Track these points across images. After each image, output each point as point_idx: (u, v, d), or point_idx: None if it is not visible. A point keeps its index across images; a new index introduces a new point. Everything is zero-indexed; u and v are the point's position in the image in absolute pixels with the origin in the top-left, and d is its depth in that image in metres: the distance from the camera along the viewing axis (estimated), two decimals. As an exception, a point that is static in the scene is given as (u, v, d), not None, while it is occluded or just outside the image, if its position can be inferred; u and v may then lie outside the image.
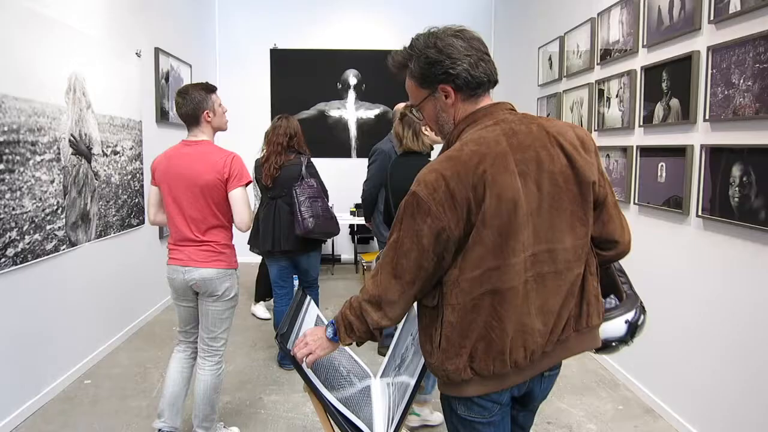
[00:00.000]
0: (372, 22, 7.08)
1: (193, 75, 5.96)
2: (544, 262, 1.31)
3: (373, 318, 1.36)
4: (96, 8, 3.91)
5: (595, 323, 1.41)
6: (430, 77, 1.36)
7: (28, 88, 3.02)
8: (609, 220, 1.42)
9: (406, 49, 1.40)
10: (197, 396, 2.63)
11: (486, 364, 1.30)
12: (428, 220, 1.24)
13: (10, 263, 2.89)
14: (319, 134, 7.06)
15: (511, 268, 1.26)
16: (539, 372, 1.39)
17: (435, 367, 1.35)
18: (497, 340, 1.29)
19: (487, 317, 1.28)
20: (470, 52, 1.33)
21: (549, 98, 4.90)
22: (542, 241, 1.30)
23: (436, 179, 1.25)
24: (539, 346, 1.33)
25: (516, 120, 1.34)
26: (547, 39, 4.95)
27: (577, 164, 1.32)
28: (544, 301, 1.32)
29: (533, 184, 1.28)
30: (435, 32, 1.37)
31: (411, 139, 2.67)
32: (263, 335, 4.41)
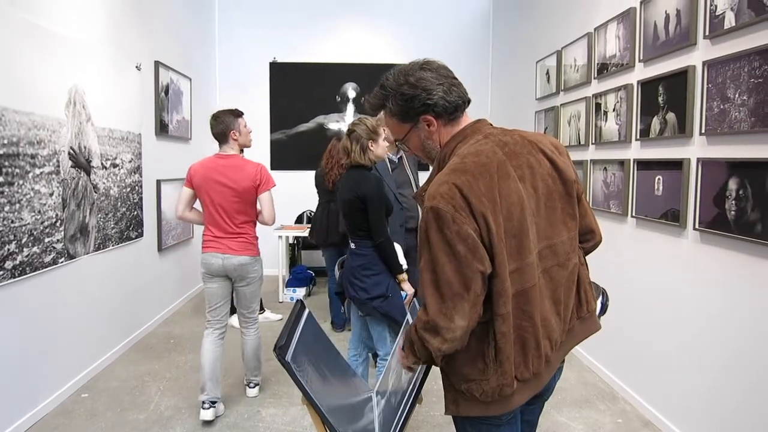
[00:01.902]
0: (370, 36, 7.14)
1: (192, 88, 6.00)
2: (548, 257, 1.41)
3: (433, 345, 1.29)
4: (96, 21, 3.94)
5: (593, 308, 1.55)
6: (409, 112, 1.44)
7: (28, 101, 3.04)
8: (585, 214, 1.56)
9: (380, 90, 1.47)
10: (248, 354, 3.45)
11: (526, 367, 1.35)
12: (454, 227, 1.25)
13: (8, 276, 2.88)
14: (317, 147, 7.08)
15: (530, 267, 1.34)
16: (558, 363, 1.48)
17: (490, 386, 1.32)
18: (530, 338, 1.35)
19: (517, 320, 1.33)
20: (441, 81, 1.42)
21: (546, 112, 4.93)
22: (543, 238, 1.40)
23: (450, 189, 1.28)
24: (558, 336, 1.42)
25: (500, 133, 1.45)
26: (544, 53, 4.99)
27: (559, 166, 1.45)
28: (553, 292, 1.41)
29: (530, 187, 1.38)
30: (402, 69, 1.45)
31: (359, 154, 2.80)
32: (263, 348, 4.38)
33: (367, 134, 2.78)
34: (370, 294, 2.70)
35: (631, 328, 3.35)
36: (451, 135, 1.46)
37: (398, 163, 3.61)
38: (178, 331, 4.84)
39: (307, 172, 7.06)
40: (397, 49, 6.90)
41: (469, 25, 7.06)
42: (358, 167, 2.80)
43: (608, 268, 3.39)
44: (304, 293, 5.97)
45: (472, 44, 7.04)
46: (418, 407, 1.62)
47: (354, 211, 2.74)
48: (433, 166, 1.50)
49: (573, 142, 4.30)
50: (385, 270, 2.74)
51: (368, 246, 2.75)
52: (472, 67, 6.86)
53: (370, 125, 2.81)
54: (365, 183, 2.72)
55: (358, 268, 2.77)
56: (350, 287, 2.79)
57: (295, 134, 7.21)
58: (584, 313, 1.53)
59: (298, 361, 1.58)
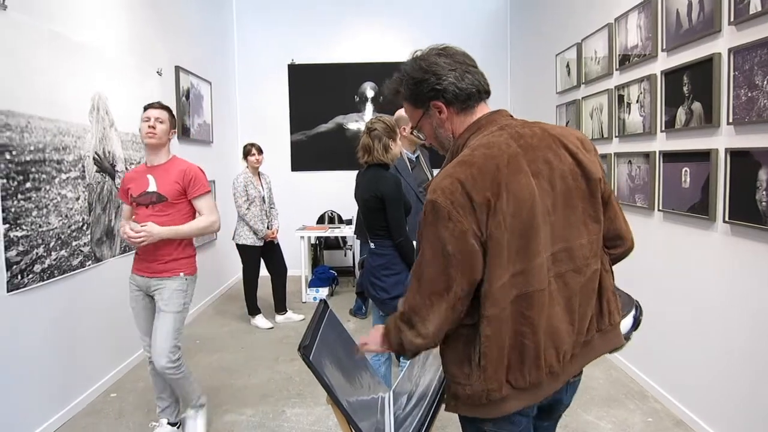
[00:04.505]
0: (388, 35, 7.13)
1: (213, 92, 6.06)
2: (563, 260, 1.31)
3: (406, 337, 1.30)
4: (118, 29, 4.00)
5: (616, 320, 1.42)
6: (420, 96, 1.40)
7: (53, 109, 3.10)
8: (615, 217, 1.44)
9: (396, 74, 1.46)
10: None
11: (522, 374, 1.28)
12: (450, 225, 1.22)
13: (37, 279, 2.94)
14: (337, 147, 7.11)
15: (536, 269, 1.25)
16: (570, 377, 1.37)
17: (474, 389, 1.29)
18: (531, 346, 1.26)
19: (516, 325, 1.26)
20: (454, 67, 1.37)
21: (568, 105, 4.87)
22: (559, 239, 1.30)
23: (452, 183, 1.23)
24: (569, 347, 1.32)
25: (518, 125, 1.36)
26: (564, 46, 4.92)
27: (582, 162, 1.34)
28: (567, 300, 1.31)
29: (547, 184, 1.29)
30: (419, 55, 1.43)
31: (381, 152, 2.77)
32: (285, 348, 4.42)
33: (387, 132, 2.77)
34: (390, 293, 2.69)
35: (661, 324, 3.29)
36: (465, 125, 1.39)
37: (416, 162, 3.59)
38: (202, 332, 4.89)
39: (328, 173, 7.12)
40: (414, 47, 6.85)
41: (487, 20, 7.01)
42: (376, 166, 2.79)
43: (635, 263, 3.32)
44: (327, 293, 5.99)
45: (490, 39, 6.98)
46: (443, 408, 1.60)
47: (372, 211, 2.73)
48: (447, 157, 1.43)
49: (596, 136, 4.23)
50: (405, 269, 2.72)
51: (388, 245, 2.74)
52: (490, 62, 6.78)
53: (389, 123, 2.80)
54: (383, 182, 2.71)
55: (378, 267, 2.76)
56: (371, 287, 2.78)
57: (314, 135, 7.23)
58: (605, 326, 1.39)
59: (321, 360, 1.58)
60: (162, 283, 2.76)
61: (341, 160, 6.95)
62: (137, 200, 2.77)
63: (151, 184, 2.76)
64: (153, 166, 2.82)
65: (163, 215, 2.74)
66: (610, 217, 1.42)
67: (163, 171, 2.79)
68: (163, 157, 2.84)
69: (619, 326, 1.44)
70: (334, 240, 6.87)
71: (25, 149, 2.86)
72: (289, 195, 6.72)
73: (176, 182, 2.77)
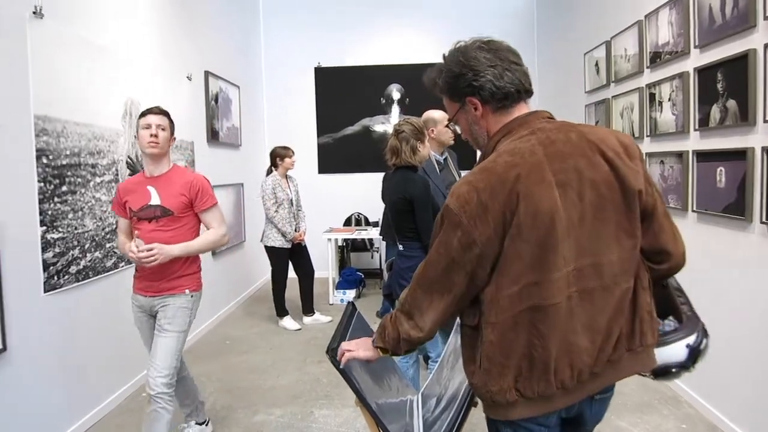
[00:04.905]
0: (413, 36, 7.13)
1: (241, 96, 6.14)
2: (589, 276, 1.24)
3: (403, 327, 1.36)
4: (149, 35, 4.09)
5: (650, 342, 1.32)
6: (456, 90, 1.37)
7: (87, 114, 3.18)
8: (660, 231, 1.34)
9: (437, 65, 1.42)
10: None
11: (530, 384, 1.25)
12: (458, 233, 1.23)
13: (73, 280, 3.02)
14: (363, 149, 7.13)
15: (553, 283, 1.21)
16: (589, 394, 1.30)
17: (478, 388, 1.31)
18: (540, 358, 1.24)
19: (528, 335, 1.23)
20: (495, 63, 1.31)
21: (597, 105, 4.80)
22: (586, 254, 1.24)
23: (468, 191, 1.22)
24: (587, 365, 1.26)
25: (553, 128, 1.30)
26: (592, 44, 4.85)
27: (620, 172, 1.26)
28: (590, 317, 1.25)
29: (574, 195, 1.23)
30: (461, 47, 1.37)
31: (409, 154, 2.76)
32: (314, 350, 4.45)
33: (415, 134, 2.76)
34: None
35: (694, 326, 3.21)
36: (499, 125, 1.34)
37: (444, 164, 3.58)
38: (232, 333, 4.95)
39: (354, 175, 7.15)
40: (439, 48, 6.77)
41: (513, 19, 6.94)
42: (404, 168, 2.79)
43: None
44: (354, 295, 6.00)
45: (517, 39, 6.81)
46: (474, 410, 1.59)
47: (401, 213, 2.73)
48: (479, 158, 1.40)
49: (626, 135, 4.16)
50: None
51: (416, 247, 2.73)
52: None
53: (417, 125, 2.79)
54: (412, 184, 2.71)
55: (407, 269, 2.75)
56: (399, 289, 2.78)
57: (341, 137, 7.27)
58: (636, 346, 1.30)
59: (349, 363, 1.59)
60: (166, 301, 2.58)
61: (367, 162, 6.97)
62: (138, 215, 2.54)
63: (154, 196, 2.55)
64: (154, 177, 2.59)
65: (169, 230, 2.53)
66: (654, 231, 1.33)
67: (165, 182, 2.58)
68: (164, 166, 2.62)
69: (651, 349, 1.33)
70: (361, 242, 6.89)
71: (61, 153, 2.94)
72: (316, 197, 6.77)
73: (182, 194, 2.56)
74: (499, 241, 1.22)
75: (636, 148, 1.34)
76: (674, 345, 1.36)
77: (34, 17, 2.77)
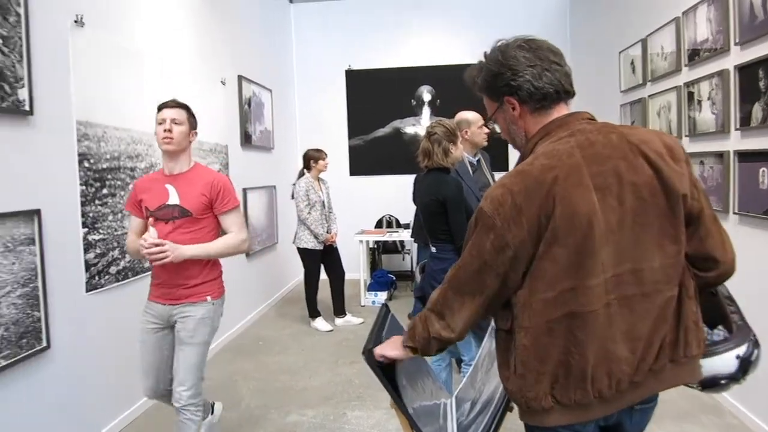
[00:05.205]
0: (443, 38, 7.10)
1: (273, 99, 6.21)
2: (629, 283, 1.21)
3: (434, 327, 1.36)
4: (184, 42, 4.18)
5: (695, 353, 1.27)
6: (494, 89, 1.36)
7: (126, 119, 3.26)
8: (707, 236, 1.28)
9: (478, 62, 1.40)
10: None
11: (566, 391, 1.23)
12: (491, 235, 1.22)
13: (113, 280, 3.10)
14: (395, 151, 7.14)
15: (590, 290, 1.19)
16: (628, 404, 1.26)
17: (513, 393, 1.30)
18: (577, 366, 1.21)
19: (565, 342, 1.21)
20: (534, 63, 1.29)
21: (633, 104, 4.70)
22: (626, 260, 1.21)
23: (503, 194, 1.21)
24: (626, 375, 1.22)
25: (594, 130, 1.26)
26: (627, 42, 4.76)
27: (664, 175, 1.22)
28: (630, 326, 1.22)
29: (613, 199, 1.20)
30: (501, 45, 1.35)
31: (441, 156, 2.76)
32: (345, 351, 4.47)
33: (447, 136, 2.75)
34: None
35: (735, 331, 3.12)
36: (537, 127, 1.32)
37: (477, 165, 3.56)
38: (265, 334, 5.01)
39: (385, 177, 7.16)
40: (470, 49, 6.77)
41: (545, 18, 6.85)
42: (437, 170, 2.78)
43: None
44: (386, 297, 6.01)
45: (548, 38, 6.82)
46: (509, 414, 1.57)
47: (434, 215, 2.73)
48: (518, 159, 1.38)
49: (663, 135, 4.07)
50: None
51: (449, 249, 2.72)
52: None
53: (449, 127, 2.79)
54: (444, 186, 2.70)
55: (440, 271, 2.74)
56: (431, 291, 2.77)
57: (372, 139, 7.29)
58: (680, 357, 1.25)
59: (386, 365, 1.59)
60: (186, 311, 2.40)
61: (399, 164, 6.98)
62: (155, 214, 2.36)
63: (172, 195, 2.38)
64: (173, 175, 2.43)
65: (187, 232, 2.36)
66: (700, 236, 1.28)
67: (185, 181, 2.42)
68: (184, 164, 2.46)
69: (696, 360, 1.29)
70: (392, 244, 6.90)
71: (101, 157, 3.03)
72: (347, 199, 6.80)
73: (202, 194, 2.39)
74: (533, 245, 1.20)
75: (681, 149, 1.30)
76: (724, 356, 1.30)
77: (76, 26, 2.86)
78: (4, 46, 2.36)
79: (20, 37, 2.45)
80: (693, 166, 1.32)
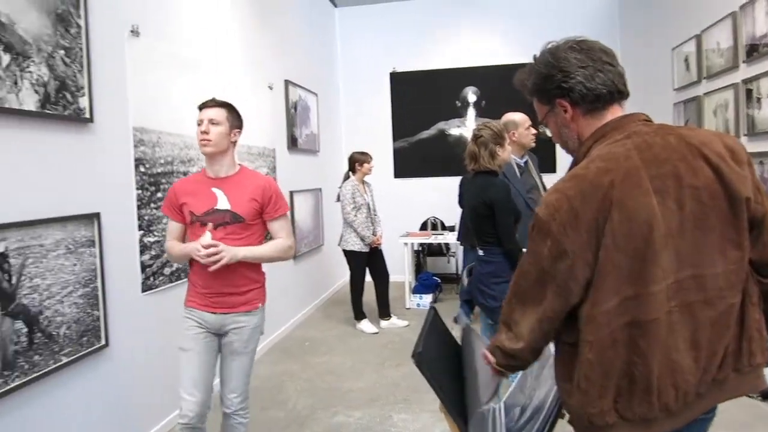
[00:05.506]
0: (488, 38, 7.03)
1: (319, 103, 6.29)
2: (690, 289, 1.17)
3: (500, 336, 1.35)
4: (233, 48, 4.28)
5: (759, 362, 1.23)
6: (544, 92, 1.33)
7: (179, 125, 3.36)
8: None
9: (528, 66, 1.38)
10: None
11: (630, 405, 1.19)
12: (548, 242, 1.19)
13: (167, 281, 3.20)
14: (439, 153, 7.12)
15: (653, 297, 1.15)
16: (694, 417, 1.22)
17: (575, 409, 1.25)
18: (641, 378, 1.17)
19: (627, 353, 1.17)
20: (586, 64, 1.26)
21: (687, 103, 4.55)
22: (687, 266, 1.17)
23: (558, 199, 1.19)
24: (691, 386, 1.18)
25: (651, 132, 1.23)
26: (681, 39, 4.62)
27: (725, 178, 1.17)
28: (692, 334, 1.18)
29: (673, 203, 1.16)
30: (551, 47, 1.33)
31: (488, 159, 2.74)
32: (391, 353, 4.48)
33: (494, 138, 2.73)
34: (499, 301, 2.64)
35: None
36: (591, 129, 1.28)
37: (525, 167, 3.51)
38: (311, 335, 5.07)
39: (430, 179, 7.15)
40: (516, 48, 6.69)
41: (593, 15, 6.70)
42: (485, 173, 2.76)
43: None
44: (431, 300, 5.99)
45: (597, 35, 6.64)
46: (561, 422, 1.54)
47: (481, 217, 2.71)
48: (570, 164, 1.35)
49: (720, 134, 3.92)
50: None
51: (497, 252, 2.70)
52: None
53: (496, 129, 2.76)
54: (492, 189, 2.68)
55: (487, 275, 2.72)
56: (479, 294, 2.75)
57: (416, 141, 7.29)
58: (744, 366, 1.22)
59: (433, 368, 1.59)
60: (240, 321, 2.33)
61: (443, 166, 6.95)
62: (202, 219, 2.26)
63: (221, 200, 2.28)
64: (219, 179, 2.34)
65: (238, 238, 2.27)
66: (764, 242, 1.23)
67: (234, 184, 2.32)
68: (230, 166, 2.37)
69: (761, 369, 1.25)
70: (437, 246, 6.87)
71: (156, 162, 3.13)
72: (392, 202, 6.82)
73: (253, 199, 2.30)
74: (593, 252, 1.16)
75: (743, 151, 1.25)
76: None
77: (132, 36, 2.97)
78: (66, 56, 2.47)
79: (81, 48, 2.57)
80: (755, 171, 1.27)
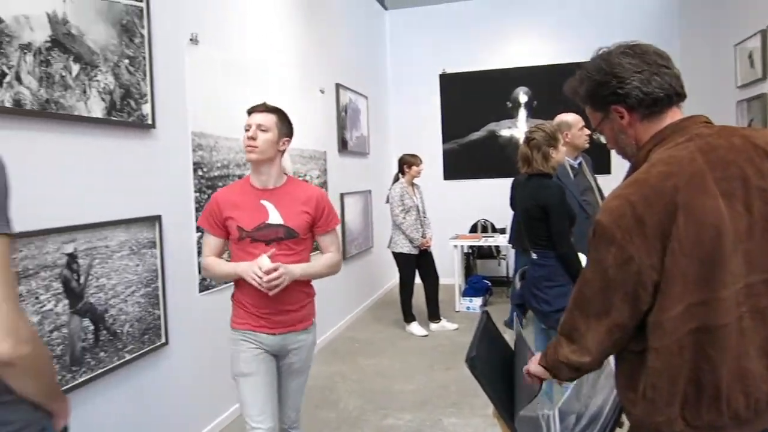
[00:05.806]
0: (538, 38, 6.92)
1: (369, 105, 6.34)
2: (762, 294, 1.14)
3: (563, 350, 1.30)
4: (286, 54, 4.37)
5: None
6: (598, 99, 1.30)
7: (235, 129, 3.45)
8: None
9: (578, 72, 1.35)
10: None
11: (698, 412, 1.15)
12: (612, 249, 1.16)
13: (222, 282, 3.29)
14: (490, 155, 7.05)
15: (722, 302, 1.11)
16: (765, 427, 1.18)
17: (640, 419, 1.22)
18: (710, 383, 1.14)
19: (695, 359, 1.14)
20: (641, 68, 1.23)
21: (750, 101, 4.35)
22: (757, 270, 1.14)
23: (621, 205, 1.16)
24: (763, 393, 1.14)
25: (713, 133, 1.20)
26: (745, 34, 4.42)
27: None
28: (764, 340, 1.14)
29: (741, 205, 1.13)
30: (603, 53, 1.30)
31: (541, 162, 2.70)
32: (441, 356, 4.46)
33: (547, 141, 2.69)
34: (552, 306, 2.60)
35: None
36: (650, 134, 1.25)
37: (579, 169, 3.43)
38: (360, 336, 5.11)
39: (480, 181, 7.09)
40: (568, 48, 6.54)
41: (651, 13, 6.50)
42: (538, 175, 2.73)
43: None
44: (481, 303, 5.93)
45: (656, 33, 6.43)
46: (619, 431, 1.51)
47: (534, 220, 2.67)
48: (629, 169, 1.32)
49: (789, 134, 3.73)
50: (569, 281, 2.61)
51: (550, 256, 2.65)
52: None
53: (549, 131, 2.72)
54: (546, 191, 2.64)
55: (540, 279, 2.68)
56: (532, 298, 2.71)
57: (466, 143, 7.24)
58: None
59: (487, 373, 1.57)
60: (300, 340, 2.19)
61: (494, 167, 6.89)
62: (254, 235, 2.07)
63: (272, 214, 2.09)
64: (267, 190, 2.14)
65: (290, 254, 2.09)
66: None
67: (283, 196, 2.14)
68: (278, 176, 2.18)
69: None
70: (488, 249, 6.80)
71: (213, 166, 3.23)
72: (441, 204, 6.79)
73: (305, 212, 2.13)
74: (659, 258, 1.13)
75: None
76: None
77: (191, 43, 3.08)
78: (130, 65, 2.58)
79: (144, 57, 2.68)
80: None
